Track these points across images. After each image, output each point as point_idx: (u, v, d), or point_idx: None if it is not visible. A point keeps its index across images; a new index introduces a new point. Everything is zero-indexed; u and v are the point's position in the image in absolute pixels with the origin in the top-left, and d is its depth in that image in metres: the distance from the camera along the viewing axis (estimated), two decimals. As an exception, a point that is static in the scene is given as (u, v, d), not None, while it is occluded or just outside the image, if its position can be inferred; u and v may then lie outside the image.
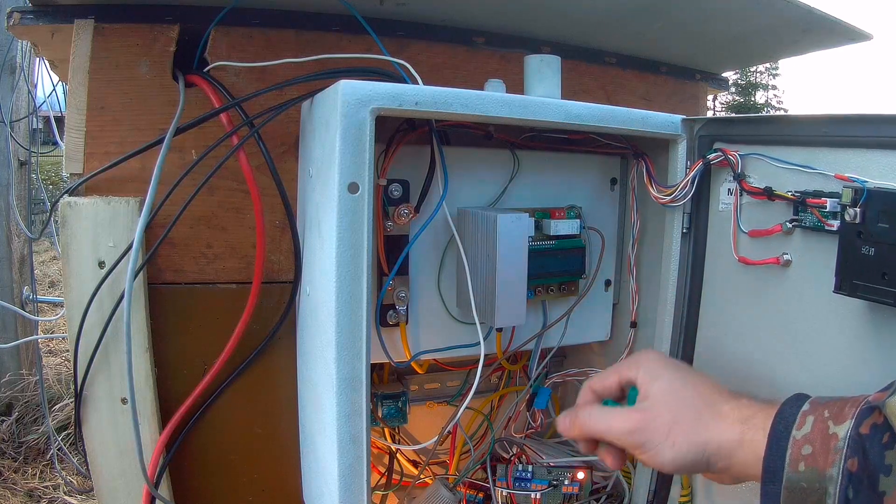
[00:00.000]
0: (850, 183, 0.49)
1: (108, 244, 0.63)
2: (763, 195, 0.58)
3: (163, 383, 0.68)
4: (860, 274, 0.47)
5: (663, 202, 0.66)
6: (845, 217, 0.48)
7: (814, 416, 0.42)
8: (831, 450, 0.40)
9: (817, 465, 0.40)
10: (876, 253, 0.46)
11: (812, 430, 0.42)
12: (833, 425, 0.41)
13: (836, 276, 0.50)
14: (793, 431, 0.43)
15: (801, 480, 0.41)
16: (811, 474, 0.41)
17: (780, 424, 0.44)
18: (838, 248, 0.49)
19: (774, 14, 0.81)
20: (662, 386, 0.51)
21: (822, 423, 0.42)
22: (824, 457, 0.40)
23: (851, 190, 0.48)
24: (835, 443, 0.40)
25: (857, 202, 0.47)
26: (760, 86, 22.59)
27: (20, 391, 2.53)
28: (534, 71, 0.66)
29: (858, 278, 0.48)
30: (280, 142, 0.70)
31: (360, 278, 0.53)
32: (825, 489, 0.40)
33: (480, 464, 0.75)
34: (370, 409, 0.57)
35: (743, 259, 0.61)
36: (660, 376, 0.52)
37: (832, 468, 0.40)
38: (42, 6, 0.67)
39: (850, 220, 0.48)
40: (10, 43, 2.43)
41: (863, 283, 0.47)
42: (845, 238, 0.49)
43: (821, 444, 0.41)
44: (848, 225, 0.48)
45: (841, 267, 0.49)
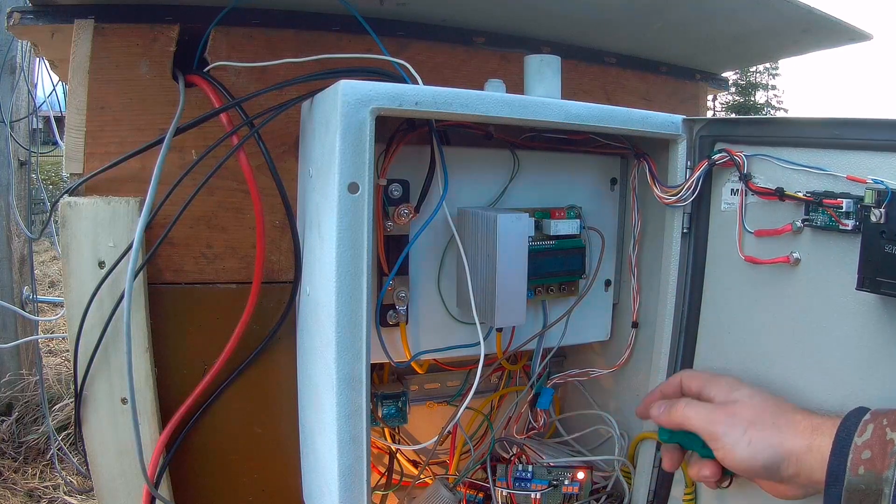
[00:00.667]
0: (871, 184, 0.50)
1: (108, 244, 0.63)
2: (774, 195, 0.58)
3: (163, 383, 0.68)
4: (883, 271, 0.49)
5: (668, 202, 0.66)
6: (870, 217, 0.50)
7: (874, 423, 0.46)
8: (888, 454, 0.43)
9: (875, 469, 0.43)
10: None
11: (872, 436, 0.45)
12: (890, 431, 0.44)
13: (859, 273, 0.51)
14: (854, 438, 0.46)
15: (860, 483, 0.44)
16: (869, 477, 0.44)
17: (844, 432, 0.47)
18: (861, 247, 0.51)
19: (774, 14, 0.81)
20: (745, 392, 0.56)
21: (880, 429, 0.45)
22: (882, 460, 0.43)
23: (874, 191, 0.50)
24: (891, 447, 0.43)
25: (881, 203, 0.49)
26: (760, 86, 22.60)
27: (20, 391, 2.53)
28: (534, 71, 0.66)
29: (882, 275, 0.50)
30: (280, 142, 0.70)
31: (360, 278, 0.53)
32: (881, 490, 0.43)
33: (480, 464, 0.75)
34: (370, 409, 0.57)
35: (750, 258, 0.61)
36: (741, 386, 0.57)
37: (888, 471, 0.43)
38: (42, 6, 0.67)
39: (875, 221, 0.50)
40: (10, 43, 2.43)
41: (886, 280, 0.49)
42: (868, 237, 0.50)
43: (879, 449, 0.44)
44: (871, 225, 0.50)
45: (863, 265, 0.51)
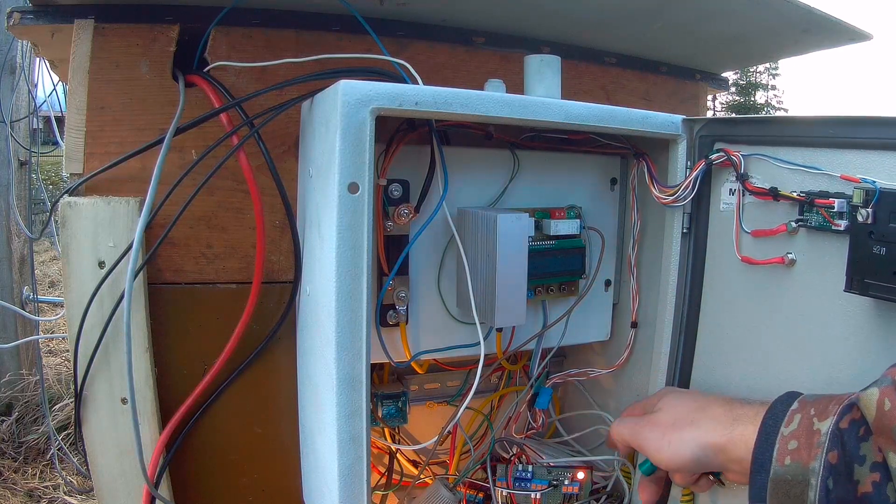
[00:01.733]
0: (860, 184, 0.50)
1: (108, 244, 0.63)
2: (768, 195, 0.58)
3: (163, 383, 0.68)
4: (872, 273, 0.49)
5: (665, 202, 0.66)
6: (857, 217, 0.49)
7: (801, 413, 0.46)
8: (814, 444, 0.43)
9: (801, 460, 0.43)
10: (888, 252, 0.48)
11: (798, 426, 0.45)
12: (817, 422, 0.44)
13: (847, 275, 0.51)
14: (781, 428, 0.46)
15: (786, 473, 0.44)
16: (795, 468, 0.43)
17: (770, 420, 0.47)
18: (849, 248, 0.50)
19: (774, 14, 0.81)
20: (670, 399, 0.60)
21: (807, 420, 0.45)
22: (808, 451, 0.43)
23: (862, 191, 0.49)
24: (818, 438, 0.43)
25: (868, 202, 0.48)
26: (760, 86, 22.61)
27: (20, 391, 2.53)
28: (534, 71, 0.66)
29: (870, 277, 0.49)
30: (280, 142, 0.70)
31: (360, 278, 0.53)
32: (807, 481, 0.43)
33: (480, 464, 0.75)
34: (370, 409, 0.57)
35: (746, 259, 0.61)
36: (667, 393, 0.62)
37: (815, 461, 0.42)
38: (42, 6, 0.67)
39: (862, 221, 0.49)
40: (10, 43, 2.43)
41: (874, 282, 0.49)
42: (856, 238, 0.50)
43: (805, 439, 0.44)
44: (859, 225, 0.49)
45: (852, 266, 0.50)
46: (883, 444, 0.40)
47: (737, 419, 0.51)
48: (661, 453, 0.55)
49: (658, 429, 0.57)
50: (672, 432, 0.55)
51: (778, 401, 0.49)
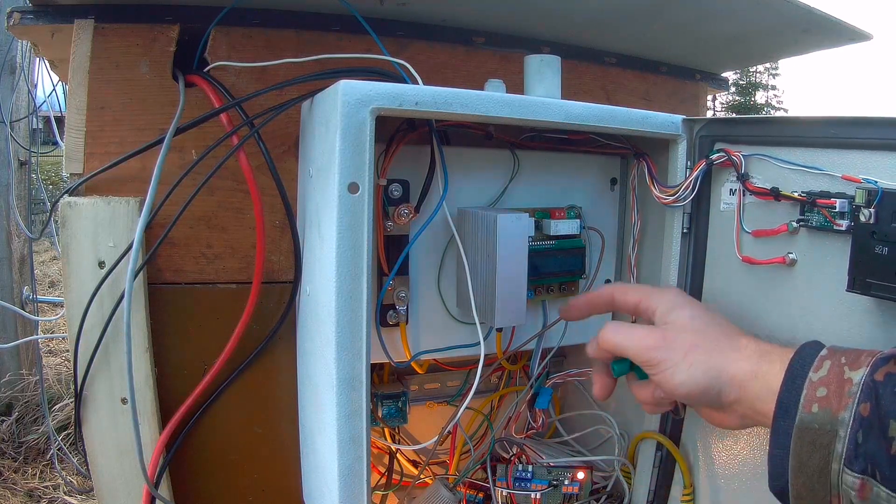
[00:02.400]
0: (862, 184, 0.50)
1: (108, 244, 0.63)
2: (769, 195, 0.58)
3: (163, 383, 0.68)
4: (874, 273, 0.48)
5: (666, 202, 0.66)
6: (860, 217, 0.49)
7: (831, 360, 0.43)
8: (845, 394, 0.40)
9: (830, 408, 0.41)
10: (889, 252, 0.47)
11: (828, 373, 0.42)
12: (849, 370, 0.41)
13: (849, 274, 0.50)
14: (809, 373, 0.43)
15: (813, 421, 0.41)
16: (824, 416, 0.41)
17: (797, 364, 0.44)
18: (851, 248, 0.50)
19: (774, 14, 0.81)
20: (685, 313, 0.53)
21: (838, 367, 0.42)
22: (838, 400, 0.40)
23: (865, 191, 0.49)
24: (849, 387, 0.40)
25: (871, 203, 0.48)
26: (760, 86, 22.60)
27: (20, 391, 2.53)
28: (534, 71, 0.66)
29: (872, 277, 0.49)
30: (280, 142, 0.70)
31: (360, 278, 0.53)
32: (836, 432, 0.40)
33: (480, 464, 0.75)
34: (370, 409, 0.57)
35: (747, 259, 0.61)
36: (682, 306, 0.54)
37: (845, 411, 0.40)
38: (42, 6, 0.67)
39: (864, 221, 0.49)
40: (10, 43, 2.43)
41: (876, 282, 0.48)
42: (858, 238, 0.50)
43: (836, 387, 0.41)
44: (861, 225, 0.49)
45: (854, 266, 0.50)
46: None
47: (763, 354, 0.47)
48: (676, 376, 0.49)
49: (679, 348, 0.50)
50: (694, 353, 0.49)
51: (805, 345, 0.45)
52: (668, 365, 0.50)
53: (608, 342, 0.54)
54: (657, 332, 0.52)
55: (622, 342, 0.53)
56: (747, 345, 0.49)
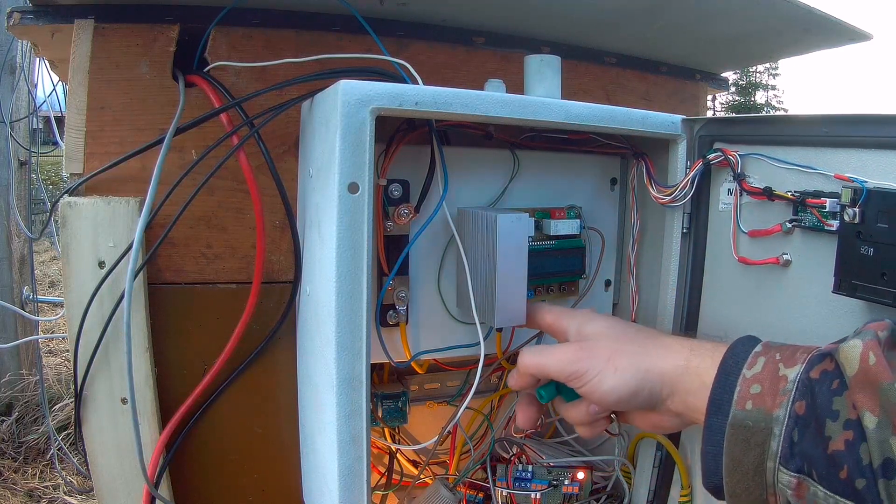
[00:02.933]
0: (849, 183, 0.49)
1: (108, 244, 0.63)
2: (763, 195, 0.58)
3: (163, 383, 0.68)
4: (859, 274, 0.47)
5: (663, 202, 0.66)
6: (844, 217, 0.48)
7: (765, 357, 0.42)
8: (779, 391, 0.40)
9: (765, 405, 0.40)
10: (875, 253, 0.46)
11: (762, 370, 0.42)
12: (783, 367, 0.41)
13: (836, 276, 0.50)
14: (743, 370, 0.42)
15: (746, 419, 0.41)
16: (757, 414, 0.40)
17: (731, 360, 0.43)
18: (837, 248, 0.49)
19: (774, 14, 0.81)
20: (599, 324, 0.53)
21: (772, 364, 0.42)
22: (772, 397, 0.40)
23: (851, 190, 0.48)
24: (784, 384, 0.40)
25: (856, 202, 0.47)
26: (760, 86, 22.60)
27: (20, 391, 2.53)
28: (534, 71, 0.66)
29: (857, 278, 0.48)
30: (280, 142, 0.70)
31: (360, 278, 0.53)
32: (770, 429, 0.39)
33: (480, 464, 0.75)
34: (370, 409, 0.57)
35: (743, 259, 0.61)
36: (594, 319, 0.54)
37: (779, 409, 0.39)
38: (42, 6, 0.67)
39: (849, 220, 0.48)
40: (10, 43, 2.43)
41: (862, 284, 0.47)
42: (844, 238, 0.49)
43: (770, 384, 0.41)
44: (847, 225, 0.48)
45: (840, 267, 0.49)
46: (860, 400, 0.36)
47: (693, 349, 0.46)
48: (603, 383, 0.48)
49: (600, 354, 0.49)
50: (618, 357, 0.48)
51: (739, 341, 0.45)
52: (594, 373, 0.49)
53: (527, 366, 0.53)
54: (574, 345, 0.52)
55: (541, 362, 0.52)
56: (674, 342, 0.48)
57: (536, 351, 0.54)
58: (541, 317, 0.60)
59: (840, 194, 0.50)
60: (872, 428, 0.35)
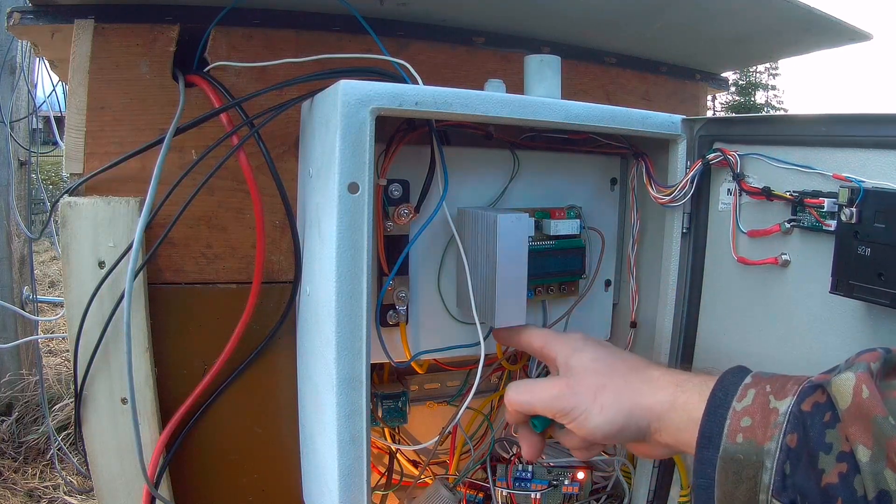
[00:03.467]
0: (846, 182, 0.49)
1: (108, 244, 0.63)
2: (762, 195, 0.58)
3: (163, 383, 0.68)
4: (856, 274, 0.47)
5: (662, 202, 0.66)
6: (842, 217, 0.48)
7: (755, 389, 0.42)
8: (770, 424, 0.40)
9: (755, 438, 0.40)
10: (872, 253, 0.46)
11: (753, 402, 0.41)
12: (774, 400, 0.41)
13: (833, 276, 0.50)
14: (733, 403, 0.42)
15: (737, 452, 0.40)
16: (748, 447, 0.40)
17: (720, 392, 0.43)
18: (834, 249, 0.49)
19: (774, 14, 0.81)
20: (586, 356, 0.52)
21: (763, 396, 0.41)
22: (763, 430, 0.40)
23: (848, 189, 0.48)
24: (775, 417, 0.40)
25: (853, 202, 0.47)
26: (760, 86, 22.60)
27: (20, 391, 2.54)
28: (534, 71, 0.66)
29: (854, 279, 0.47)
30: (280, 142, 0.70)
31: (360, 278, 0.53)
32: (762, 462, 0.39)
33: (480, 464, 0.75)
34: (370, 409, 0.57)
35: (742, 259, 0.61)
36: (582, 349, 0.53)
37: (770, 442, 0.39)
38: (42, 6, 0.67)
39: (846, 220, 0.47)
40: (10, 43, 2.43)
41: (859, 284, 0.47)
42: (841, 238, 0.49)
43: (761, 417, 0.40)
44: (844, 225, 0.48)
45: (837, 267, 0.49)
46: (854, 434, 0.36)
47: (679, 385, 0.46)
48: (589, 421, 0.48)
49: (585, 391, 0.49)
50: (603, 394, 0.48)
51: (729, 372, 0.45)
52: (580, 411, 0.49)
53: (514, 404, 0.53)
54: (560, 381, 0.52)
55: (527, 400, 0.52)
56: (660, 376, 0.48)
57: (522, 388, 0.54)
58: (528, 341, 0.59)
59: (836, 194, 0.50)
60: (866, 461, 0.35)
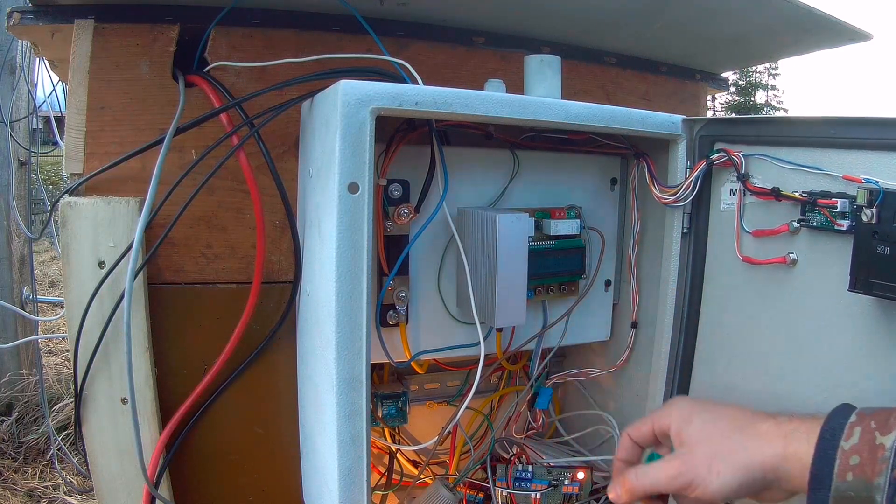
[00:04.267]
0: (863, 184, 0.50)
1: (108, 244, 0.63)
2: (770, 195, 0.58)
3: (163, 383, 0.68)
4: (876, 273, 0.49)
5: (666, 202, 0.66)
6: (862, 217, 0.49)
7: (861, 426, 0.44)
8: (878, 460, 0.41)
9: (865, 475, 0.41)
10: (891, 252, 0.48)
11: (860, 441, 0.43)
12: (879, 436, 0.42)
13: (851, 274, 0.51)
14: (840, 443, 0.44)
15: (848, 490, 0.42)
16: (858, 484, 0.42)
17: (828, 434, 0.45)
18: (853, 248, 0.50)
19: (774, 14, 0.81)
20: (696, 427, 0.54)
21: (868, 434, 0.43)
22: (871, 467, 0.41)
23: (866, 191, 0.49)
24: (882, 453, 0.41)
25: (872, 203, 0.49)
26: (760, 86, 22.59)
27: (20, 391, 2.53)
28: (534, 71, 0.66)
29: (874, 277, 0.49)
30: (280, 142, 0.70)
31: (360, 278, 0.53)
32: (872, 498, 0.41)
33: (480, 464, 0.75)
34: (370, 409, 0.57)
35: (748, 259, 0.61)
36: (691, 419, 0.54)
37: (879, 477, 0.41)
38: (42, 6, 0.67)
39: (866, 221, 0.49)
40: (10, 43, 2.43)
41: (878, 282, 0.49)
42: (860, 238, 0.50)
43: (868, 454, 0.42)
44: (863, 225, 0.49)
45: (856, 266, 0.50)
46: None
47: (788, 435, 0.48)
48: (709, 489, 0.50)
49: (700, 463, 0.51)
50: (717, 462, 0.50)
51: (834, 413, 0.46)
52: (699, 483, 0.51)
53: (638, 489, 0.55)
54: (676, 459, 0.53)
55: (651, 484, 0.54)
56: (769, 430, 0.49)
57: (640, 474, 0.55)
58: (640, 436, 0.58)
59: (847, 194, 0.52)
60: None
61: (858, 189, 0.50)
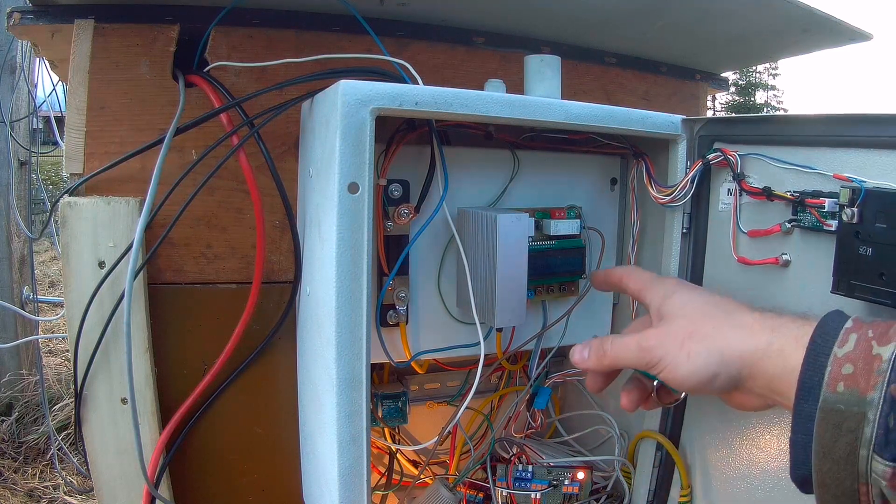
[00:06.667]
0: (847, 182, 0.49)
1: (108, 244, 0.63)
2: (762, 195, 0.58)
3: (163, 383, 0.68)
4: (858, 274, 0.47)
5: (663, 202, 0.66)
6: (843, 217, 0.48)
7: (857, 333, 0.39)
8: (873, 371, 0.36)
9: (857, 387, 0.37)
10: (874, 253, 0.46)
11: (855, 348, 0.38)
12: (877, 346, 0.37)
13: (834, 276, 0.49)
14: (834, 348, 0.39)
15: (838, 402, 0.37)
16: (850, 396, 0.37)
17: (820, 338, 0.40)
18: (836, 249, 0.49)
19: (774, 14, 0.81)
20: (676, 301, 0.50)
21: (865, 342, 0.38)
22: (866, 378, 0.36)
23: (849, 190, 0.48)
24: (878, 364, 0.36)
25: (854, 202, 0.47)
26: (760, 86, 22.60)
27: (20, 391, 2.53)
28: (534, 71, 0.66)
29: (856, 278, 0.47)
30: (280, 142, 0.70)
31: (360, 278, 0.53)
32: (864, 414, 0.36)
33: (480, 464, 0.75)
34: (370, 409, 0.57)
35: (742, 259, 0.61)
36: (673, 294, 0.51)
37: (873, 391, 0.36)
38: (42, 6, 0.67)
39: (847, 220, 0.47)
40: (10, 43, 2.43)
41: (860, 284, 0.47)
42: (843, 238, 0.49)
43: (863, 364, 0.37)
44: (845, 225, 0.48)
45: (838, 267, 0.49)
46: None
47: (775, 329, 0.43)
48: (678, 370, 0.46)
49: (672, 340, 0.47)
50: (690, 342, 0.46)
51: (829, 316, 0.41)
52: (668, 362, 0.47)
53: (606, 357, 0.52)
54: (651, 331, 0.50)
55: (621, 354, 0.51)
56: (755, 321, 0.45)
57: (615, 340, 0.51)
58: (625, 283, 0.58)
59: (836, 194, 0.50)
60: None
61: (841, 187, 0.48)
